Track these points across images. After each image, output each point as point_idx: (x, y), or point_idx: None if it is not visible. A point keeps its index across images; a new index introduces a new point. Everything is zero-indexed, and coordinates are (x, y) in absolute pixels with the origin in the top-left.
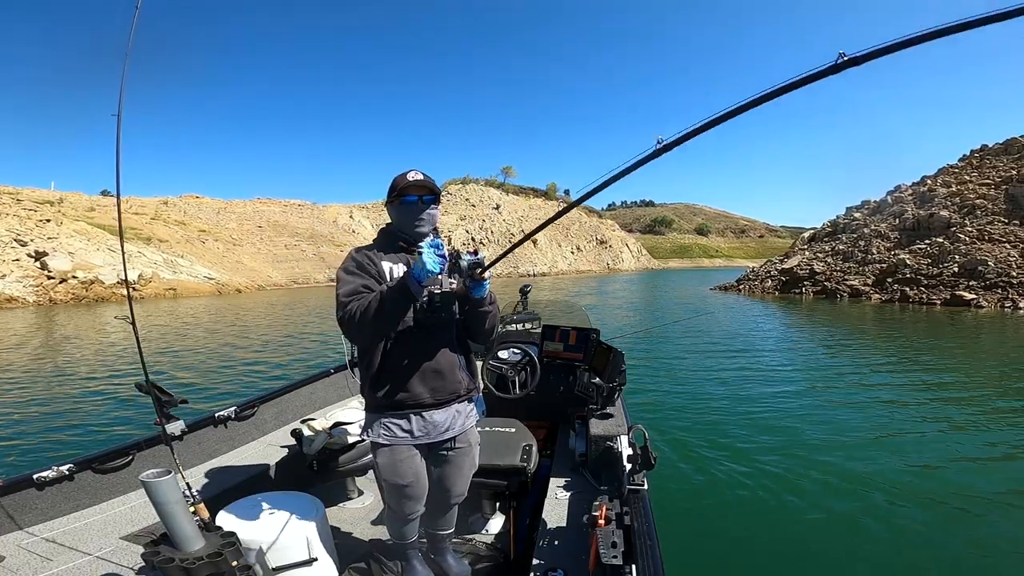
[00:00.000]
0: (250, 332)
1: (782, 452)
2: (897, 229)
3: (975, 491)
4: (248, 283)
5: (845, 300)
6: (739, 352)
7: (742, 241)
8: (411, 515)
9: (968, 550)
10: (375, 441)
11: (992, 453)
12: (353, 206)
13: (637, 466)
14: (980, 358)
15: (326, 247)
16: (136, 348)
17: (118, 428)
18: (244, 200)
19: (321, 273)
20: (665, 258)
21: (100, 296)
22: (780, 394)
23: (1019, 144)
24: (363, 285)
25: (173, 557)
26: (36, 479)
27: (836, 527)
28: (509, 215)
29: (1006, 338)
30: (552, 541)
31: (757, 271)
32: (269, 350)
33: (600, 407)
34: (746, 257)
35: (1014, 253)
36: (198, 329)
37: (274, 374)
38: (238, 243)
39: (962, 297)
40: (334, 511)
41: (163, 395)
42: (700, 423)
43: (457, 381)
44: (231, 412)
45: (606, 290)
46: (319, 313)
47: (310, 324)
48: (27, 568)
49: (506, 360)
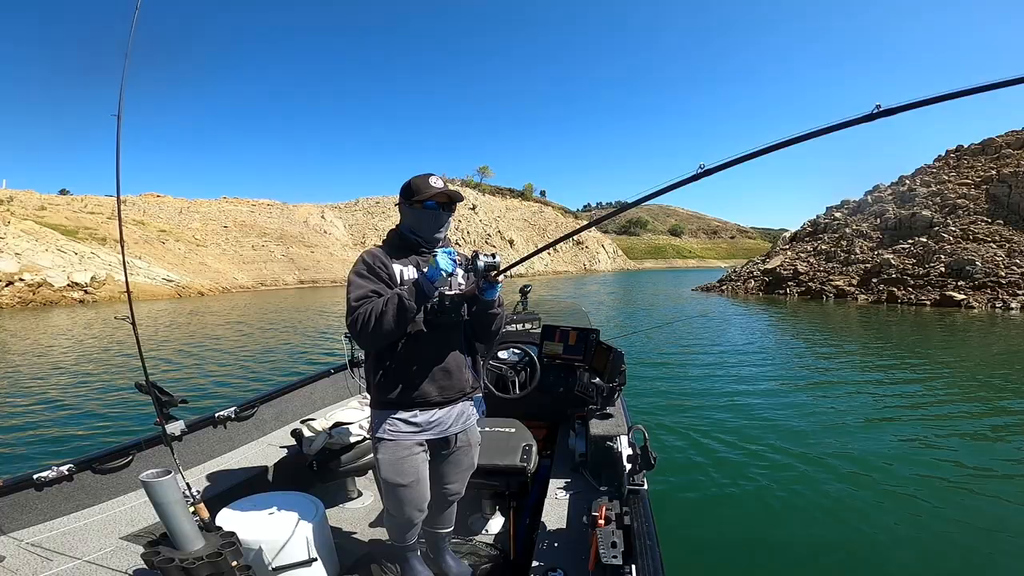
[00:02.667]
0: (192, 336)
1: (782, 452)
2: (879, 229)
3: (981, 501)
4: (212, 285)
5: (831, 301)
6: (738, 353)
7: (714, 242)
8: (410, 522)
9: (968, 554)
10: (379, 436)
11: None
12: (325, 206)
13: (637, 466)
14: (987, 362)
15: (296, 248)
16: (136, 348)
17: (118, 428)
18: (209, 200)
19: (290, 275)
20: (640, 259)
21: (48, 299)
22: (780, 395)
23: (996, 144)
24: (372, 290)
25: (173, 557)
26: (36, 479)
27: (836, 527)
28: (486, 215)
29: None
30: (552, 541)
31: (739, 271)
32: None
33: (600, 407)
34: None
35: (1000, 253)
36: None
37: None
38: (201, 244)
39: (952, 298)
40: (334, 511)
41: (163, 395)
42: (700, 423)
43: (464, 380)
44: (231, 412)
45: (586, 292)
46: (277, 316)
47: (270, 329)
48: (27, 568)
49: (506, 360)
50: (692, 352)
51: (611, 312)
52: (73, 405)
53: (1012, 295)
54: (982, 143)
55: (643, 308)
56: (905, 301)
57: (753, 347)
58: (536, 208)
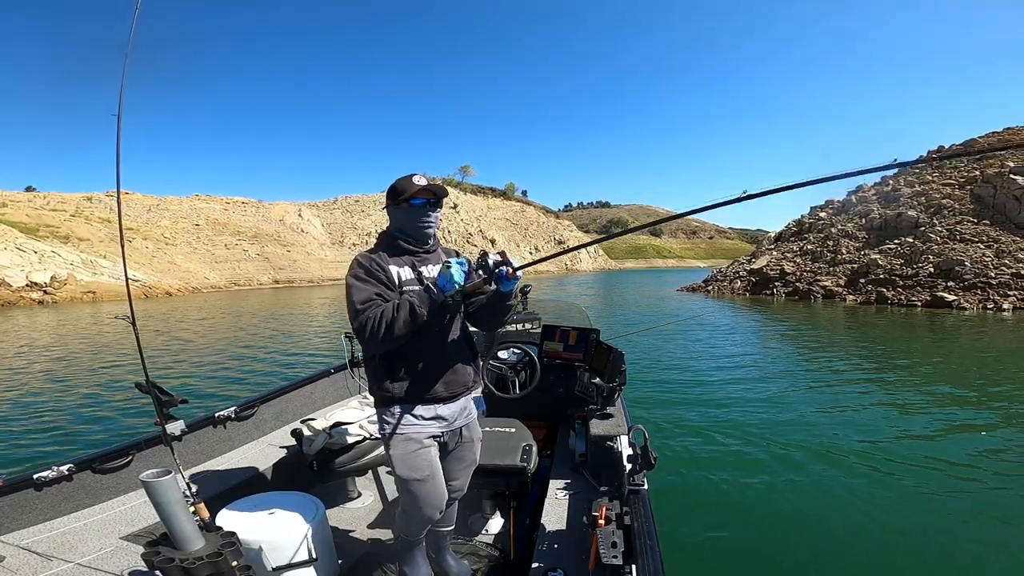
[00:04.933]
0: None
1: (782, 452)
2: (864, 229)
3: (984, 511)
4: (181, 285)
5: (819, 301)
6: (738, 354)
7: (693, 242)
8: (428, 520)
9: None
10: (389, 433)
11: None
12: (302, 204)
13: (637, 466)
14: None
15: (271, 247)
16: (136, 348)
17: (118, 427)
18: (180, 197)
19: (265, 274)
20: (621, 258)
21: (5, 300)
22: (780, 395)
23: (980, 145)
24: (376, 293)
25: (173, 557)
26: (36, 479)
27: (836, 526)
28: (467, 214)
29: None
30: (552, 541)
31: (725, 272)
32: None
33: (600, 407)
34: (697, 257)
35: (989, 253)
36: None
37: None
38: (171, 242)
39: (943, 299)
40: (334, 511)
41: (163, 395)
42: (700, 423)
43: (467, 375)
44: (231, 412)
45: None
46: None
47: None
48: (27, 568)
49: (506, 360)
50: (692, 353)
51: (597, 317)
52: (73, 405)
53: (1003, 296)
54: (964, 144)
55: (632, 310)
56: (895, 302)
57: (752, 348)
58: (518, 207)
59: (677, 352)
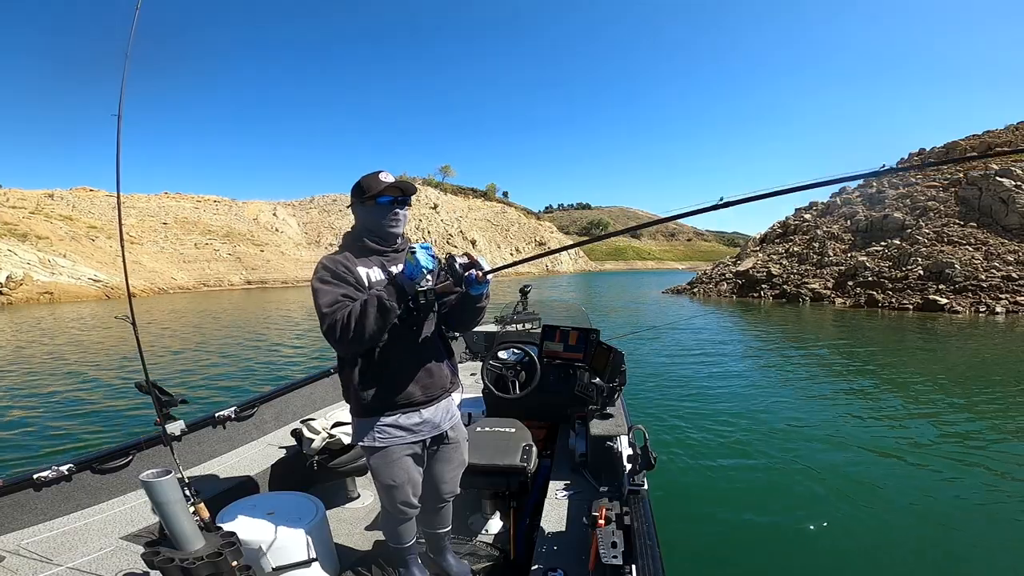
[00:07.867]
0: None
1: (782, 453)
2: (850, 231)
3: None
4: (147, 286)
5: (807, 304)
6: (733, 356)
7: (672, 244)
8: (405, 515)
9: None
10: (369, 445)
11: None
12: (277, 203)
13: (637, 466)
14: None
15: (244, 246)
16: (136, 348)
17: (117, 427)
18: (148, 195)
19: (237, 275)
20: (601, 260)
21: None
22: (780, 396)
23: (961, 148)
24: (343, 294)
25: (173, 557)
26: (36, 479)
27: (836, 527)
28: (447, 215)
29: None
30: (552, 541)
31: (711, 273)
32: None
33: (600, 407)
34: (675, 259)
35: (978, 255)
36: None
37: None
38: (136, 241)
39: (935, 302)
40: (334, 511)
41: (163, 395)
42: (700, 424)
43: (445, 377)
44: (231, 412)
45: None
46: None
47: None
48: (27, 568)
49: (506, 360)
50: (691, 353)
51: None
52: (73, 405)
53: (995, 299)
54: (945, 147)
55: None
56: (886, 305)
57: (747, 351)
58: (499, 208)
59: (675, 354)
